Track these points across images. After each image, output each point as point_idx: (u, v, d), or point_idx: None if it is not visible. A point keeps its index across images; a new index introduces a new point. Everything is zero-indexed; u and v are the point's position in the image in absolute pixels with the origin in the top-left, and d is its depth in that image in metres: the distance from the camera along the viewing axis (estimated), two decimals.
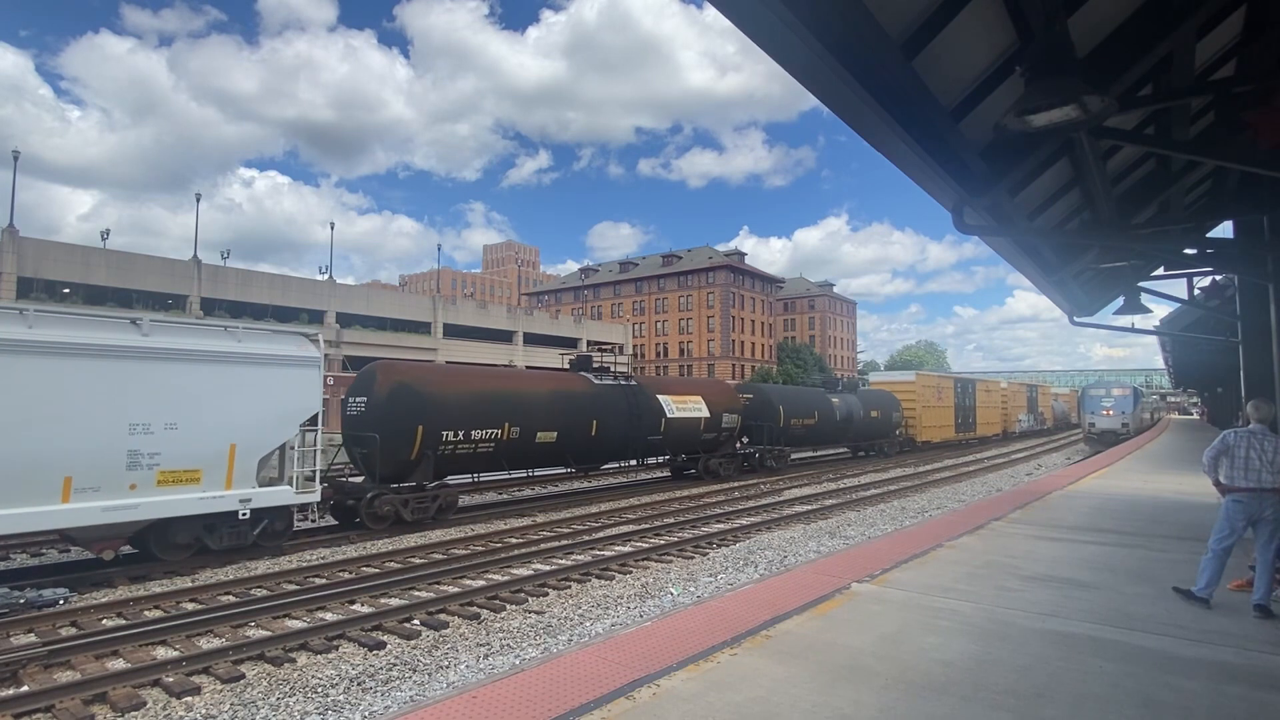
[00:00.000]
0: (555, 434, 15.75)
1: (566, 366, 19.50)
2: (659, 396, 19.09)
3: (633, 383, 18.65)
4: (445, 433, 13.60)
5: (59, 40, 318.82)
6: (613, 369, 19.45)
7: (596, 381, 17.73)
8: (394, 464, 13.07)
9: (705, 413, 20.34)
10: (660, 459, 20.77)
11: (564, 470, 18.14)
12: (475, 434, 14.15)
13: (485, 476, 15.77)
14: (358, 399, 13.56)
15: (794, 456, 27.45)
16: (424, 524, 13.26)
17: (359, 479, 13.97)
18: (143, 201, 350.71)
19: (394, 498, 12.85)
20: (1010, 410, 48.70)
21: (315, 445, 11.09)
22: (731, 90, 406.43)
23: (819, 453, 31.14)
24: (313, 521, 12.51)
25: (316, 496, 11.05)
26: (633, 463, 19.22)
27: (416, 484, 13.41)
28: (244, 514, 10.23)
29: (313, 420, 10.98)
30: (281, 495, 10.69)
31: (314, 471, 11.08)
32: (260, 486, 10.49)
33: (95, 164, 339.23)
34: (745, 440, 23.50)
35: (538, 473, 17.62)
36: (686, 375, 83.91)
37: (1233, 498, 5.84)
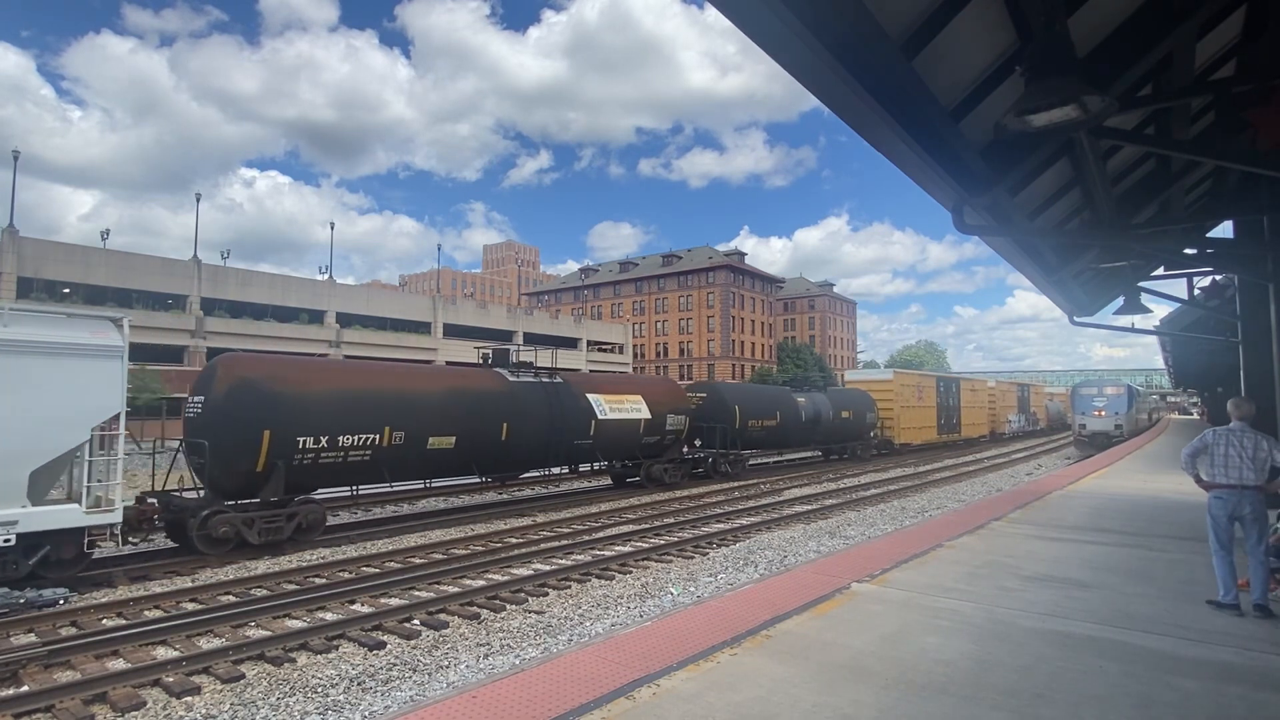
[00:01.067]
0: (453, 439, 13.56)
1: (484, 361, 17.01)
2: (589, 396, 17.05)
3: (558, 380, 16.72)
4: (302, 439, 11.42)
5: (60, 40, 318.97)
6: (534, 363, 17.31)
7: (511, 379, 15.58)
8: (233, 476, 11.09)
9: (645, 414, 18.30)
10: (598, 465, 18.54)
11: (472, 481, 15.73)
12: (345, 440, 11.92)
13: (372, 489, 13.73)
14: (196, 399, 11.51)
15: (755, 461, 26.10)
16: (281, 546, 11.32)
17: (198, 493, 11.86)
18: (144, 201, 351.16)
19: (234, 516, 10.78)
20: (999, 411, 47.14)
21: (116, 453, 9.07)
22: (732, 90, 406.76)
23: (784, 457, 29.25)
24: (132, 545, 11.07)
25: (116, 517, 8.93)
26: (556, 470, 17.21)
27: (264, 500, 11.29)
28: (7, 539, 8.17)
29: (113, 422, 9.04)
30: (66, 516, 8.62)
31: (114, 485, 9.03)
32: (38, 505, 8.53)
33: (96, 164, 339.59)
34: (699, 443, 21.85)
35: (440, 484, 15.62)
36: (688, 375, 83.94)
37: (1214, 494, 5.92)
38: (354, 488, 13.08)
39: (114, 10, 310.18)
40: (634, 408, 18.24)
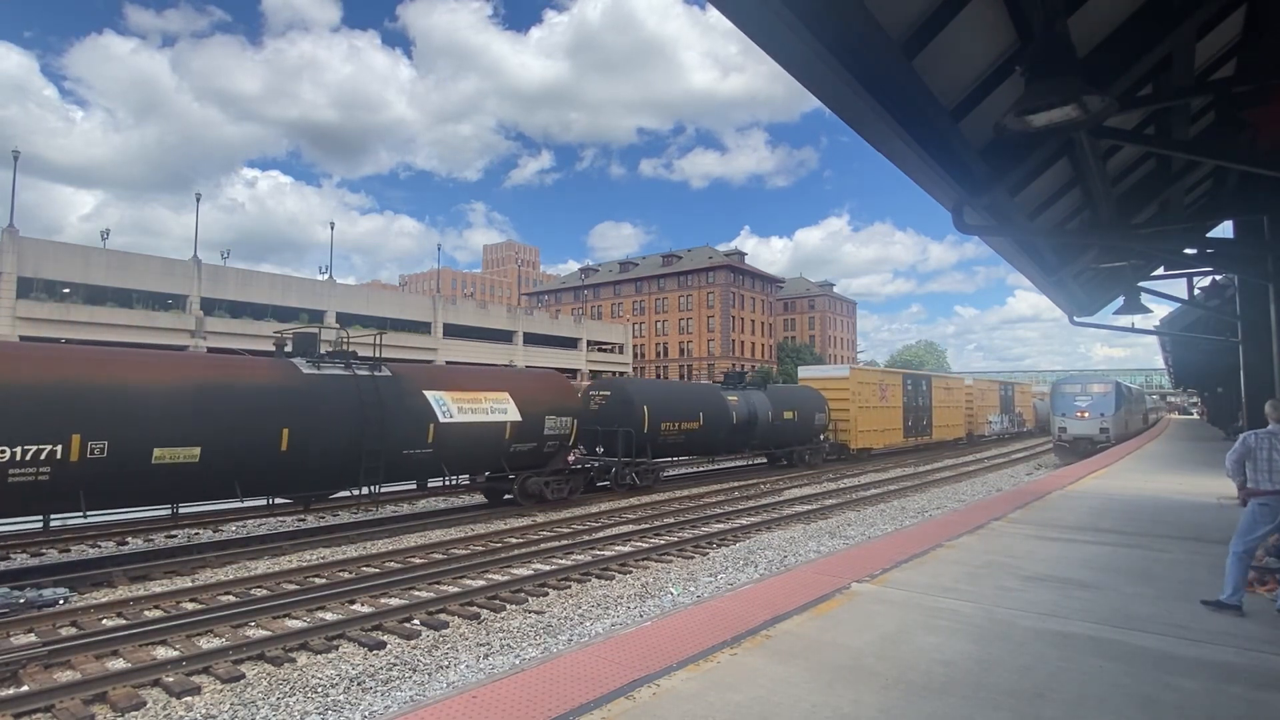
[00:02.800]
0: (197, 450, 10.09)
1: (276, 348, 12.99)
2: (429, 393, 13.50)
3: (382, 373, 12.96)
4: None
5: (63, 41, 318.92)
6: (345, 345, 13.42)
7: (306, 370, 12.00)
8: None
9: (513, 415, 14.87)
10: (448, 481, 14.61)
11: (239, 505, 12.45)
12: (8, 453, 8.53)
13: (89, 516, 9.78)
14: None
15: (677, 471, 23.75)
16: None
17: None
18: (146, 202, 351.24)
19: None
20: (977, 411, 43.34)
21: None
22: (734, 91, 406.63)
23: (716, 465, 26.20)
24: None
25: None
26: (365, 490, 12.74)
27: None
28: None
29: None
30: None
31: None
32: None
33: (99, 164, 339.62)
34: (600, 450, 18.95)
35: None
36: (687, 376, 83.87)
37: (1259, 501, 5.68)
38: (45, 519, 9.65)
39: (116, 10, 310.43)
40: (496, 408, 14.71)
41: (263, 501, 12.25)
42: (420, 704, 4.00)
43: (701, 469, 25.62)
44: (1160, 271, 13.38)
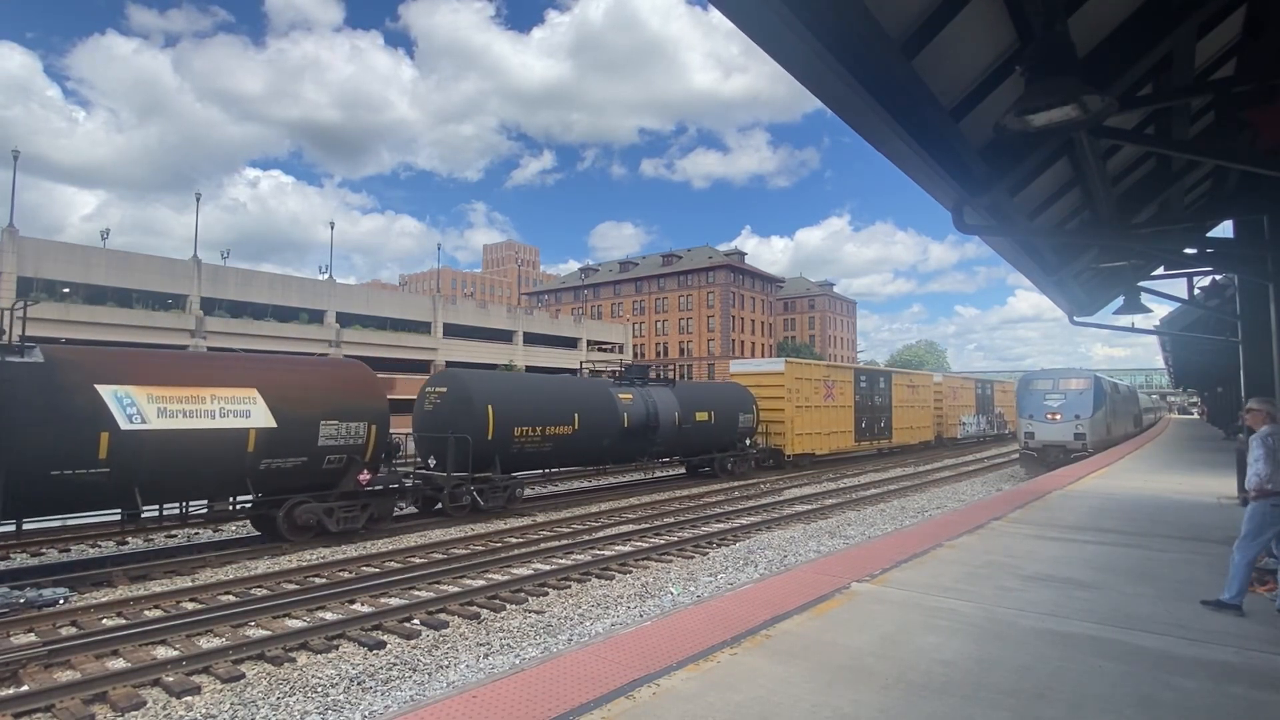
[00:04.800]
0: None
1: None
2: (102, 388, 9.58)
3: (28, 358, 9.21)
4: None
5: (65, 41, 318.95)
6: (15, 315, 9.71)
7: None
8: None
9: (261, 419, 10.88)
10: (147, 511, 10.37)
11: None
12: None
13: None
14: None
15: (549, 489, 19.46)
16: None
17: None
18: (148, 202, 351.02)
19: None
20: (948, 412, 38.73)
21: None
22: (736, 92, 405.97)
23: (619, 479, 21.84)
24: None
25: None
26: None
27: None
28: None
29: None
30: None
31: None
32: None
33: (101, 164, 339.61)
34: (433, 464, 14.92)
35: None
36: (688, 376, 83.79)
37: (1272, 501, 5.63)
38: None
39: (119, 10, 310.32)
40: (231, 409, 10.64)
41: None
42: (420, 704, 4.00)
43: (594, 484, 21.01)
44: (1160, 271, 13.37)
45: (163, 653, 6.85)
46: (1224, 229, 11.71)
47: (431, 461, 15.03)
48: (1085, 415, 23.00)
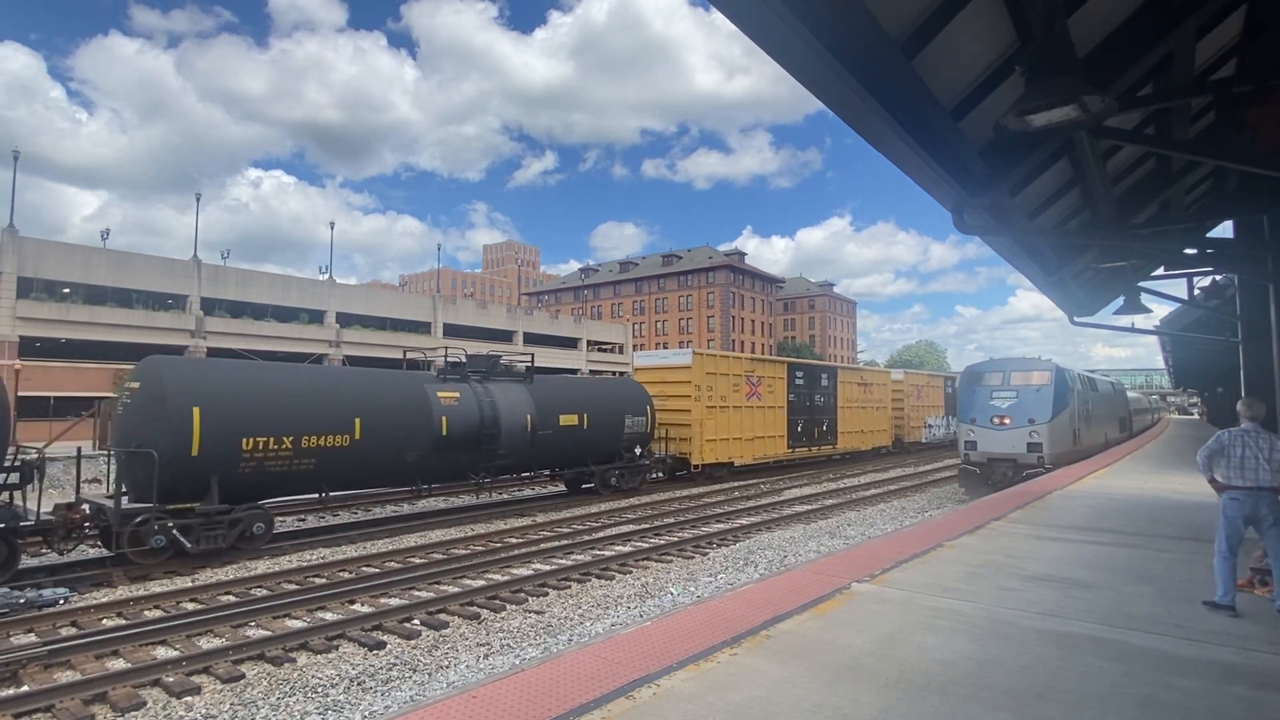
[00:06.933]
0: None
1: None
2: None
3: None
4: None
5: (69, 42, 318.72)
6: None
7: None
8: None
9: None
10: None
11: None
12: None
13: None
14: None
15: (328, 522, 14.24)
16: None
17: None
18: (151, 202, 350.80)
19: None
20: (911, 413, 34.25)
21: None
22: (739, 93, 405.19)
23: (445, 500, 17.21)
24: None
25: None
26: None
27: None
28: None
29: None
30: None
31: None
32: None
33: (104, 165, 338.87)
34: (125, 492, 9.97)
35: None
36: None
37: (1229, 495, 5.82)
38: None
39: (122, 10, 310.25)
40: None
41: None
42: (420, 704, 4.00)
43: (413, 509, 16.08)
44: (1160, 271, 13.38)
45: (163, 653, 6.85)
46: (1224, 229, 11.72)
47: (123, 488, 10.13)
48: (1042, 419, 17.50)
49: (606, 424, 17.71)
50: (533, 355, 18.39)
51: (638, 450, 18.77)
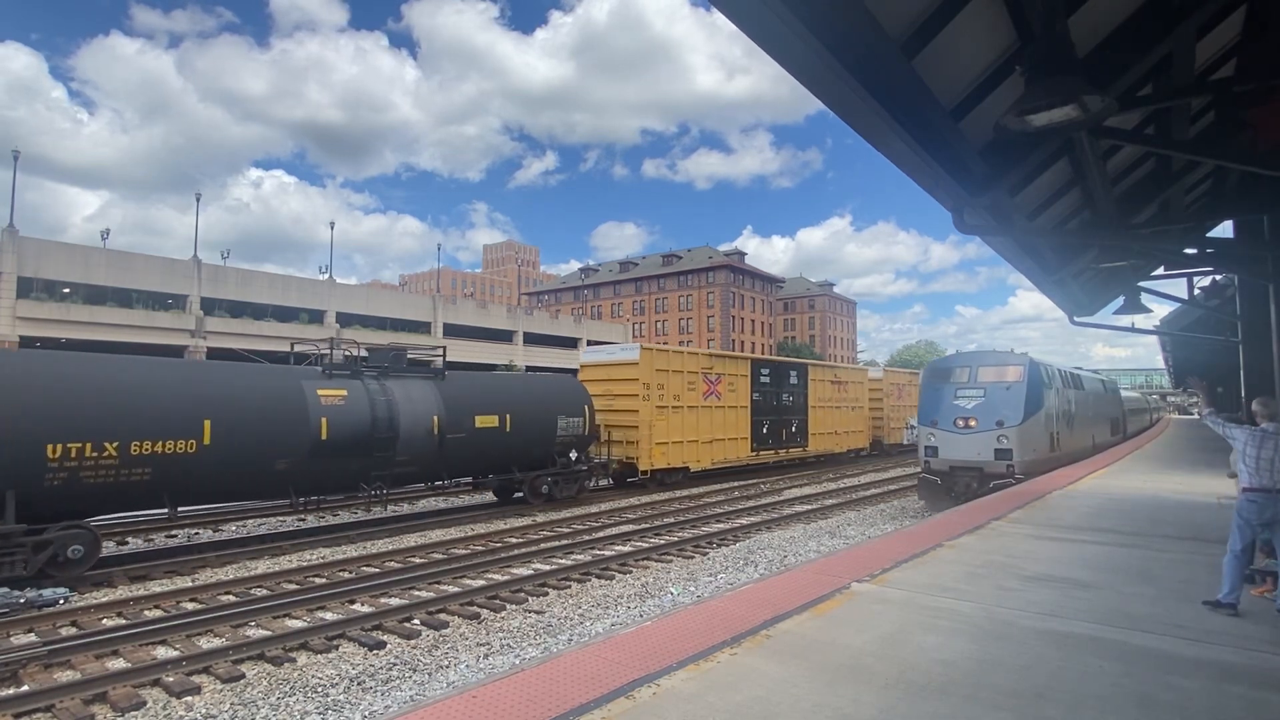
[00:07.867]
0: None
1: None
2: None
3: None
4: None
5: (70, 42, 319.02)
6: None
7: None
8: None
9: None
10: None
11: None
12: None
13: None
14: None
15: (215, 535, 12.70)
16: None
17: None
18: (151, 202, 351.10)
19: None
20: (891, 413, 32.55)
21: None
22: (740, 93, 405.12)
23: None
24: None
25: None
26: None
27: None
28: None
29: None
30: None
31: None
32: None
33: (105, 165, 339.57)
34: None
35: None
36: None
37: (1247, 497, 5.71)
38: None
39: (123, 11, 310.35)
40: None
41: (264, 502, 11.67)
42: (420, 704, 4.00)
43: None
44: (1160, 271, 13.39)
45: (163, 653, 6.85)
46: (1224, 229, 11.73)
47: None
48: (1012, 421, 15.06)
49: (534, 426, 15.58)
50: (444, 349, 15.61)
51: (574, 455, 16.61)
